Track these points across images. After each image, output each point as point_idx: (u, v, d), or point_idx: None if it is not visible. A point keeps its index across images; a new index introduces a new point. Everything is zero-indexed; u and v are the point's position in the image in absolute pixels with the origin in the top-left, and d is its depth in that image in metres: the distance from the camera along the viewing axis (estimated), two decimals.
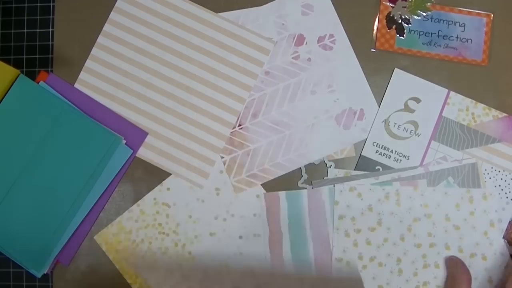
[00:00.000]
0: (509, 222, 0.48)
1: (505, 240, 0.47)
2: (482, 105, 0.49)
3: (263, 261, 0.48)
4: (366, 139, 0.49)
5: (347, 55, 0.50)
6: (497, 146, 0.49)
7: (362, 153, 0.49)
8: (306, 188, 0.48)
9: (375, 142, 0.49)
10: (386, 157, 0.49)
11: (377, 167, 0.48)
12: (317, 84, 0.50)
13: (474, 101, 0.49)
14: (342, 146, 0.49)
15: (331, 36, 0.50)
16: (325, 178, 0.48)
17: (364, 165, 0.49)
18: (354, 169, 0.49)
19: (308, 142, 0.49)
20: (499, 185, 0.48)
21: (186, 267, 0.48)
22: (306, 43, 0.50)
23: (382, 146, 0.49)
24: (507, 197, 0.48)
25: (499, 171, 0.48)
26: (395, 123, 0.49)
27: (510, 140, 0.49)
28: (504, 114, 0.49)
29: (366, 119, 0.49)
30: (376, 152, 0.49)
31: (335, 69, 0.50)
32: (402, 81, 0.49)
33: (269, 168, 0.49)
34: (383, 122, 0.49)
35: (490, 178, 0.48)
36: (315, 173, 0.49)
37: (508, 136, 0.49)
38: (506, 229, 0.48)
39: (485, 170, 0.48)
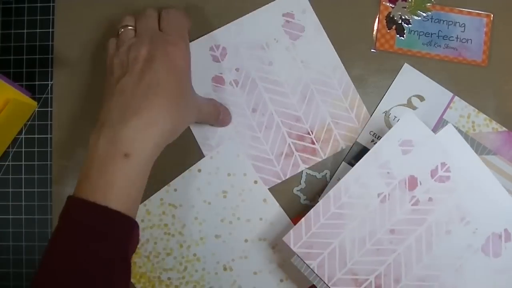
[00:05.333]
0: None
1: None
2: (484, 115, 0.49)
3: (268, 265, 0.48)
4: (364, 127, 0.49)
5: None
6: (491, 158, 0.48)
7: (357, 140, 0.49)
8: (299, 197, 0.48)
9: (372, 131, 0.49)
10: None
11: None
12: (449, 222, 0.44)
13: (476, 110, 0.49)
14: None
15: (443, 165, 0.44)
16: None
17: (357, 151, 0.49)
18: (346, 155, 0.49)
19: (459, 285, 0.44)
20: None
21: (190, 269, 0.48)
22: (420, 183, 0.44)
23: (379, 137, 0.49)
24: None
25: None
26: (395, 117, 0.49)
27: (505, 155, 0.49)
28: (504, 129, 0.49)
29: None
30: (372, 141, 0.49)
31: (460, 199, 0.44)
32: (409, 77, 0.49)
33: None
34: (384, 114, 0.49)
35: None
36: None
37: (504, 151, 0.49)
38: None
39: None
